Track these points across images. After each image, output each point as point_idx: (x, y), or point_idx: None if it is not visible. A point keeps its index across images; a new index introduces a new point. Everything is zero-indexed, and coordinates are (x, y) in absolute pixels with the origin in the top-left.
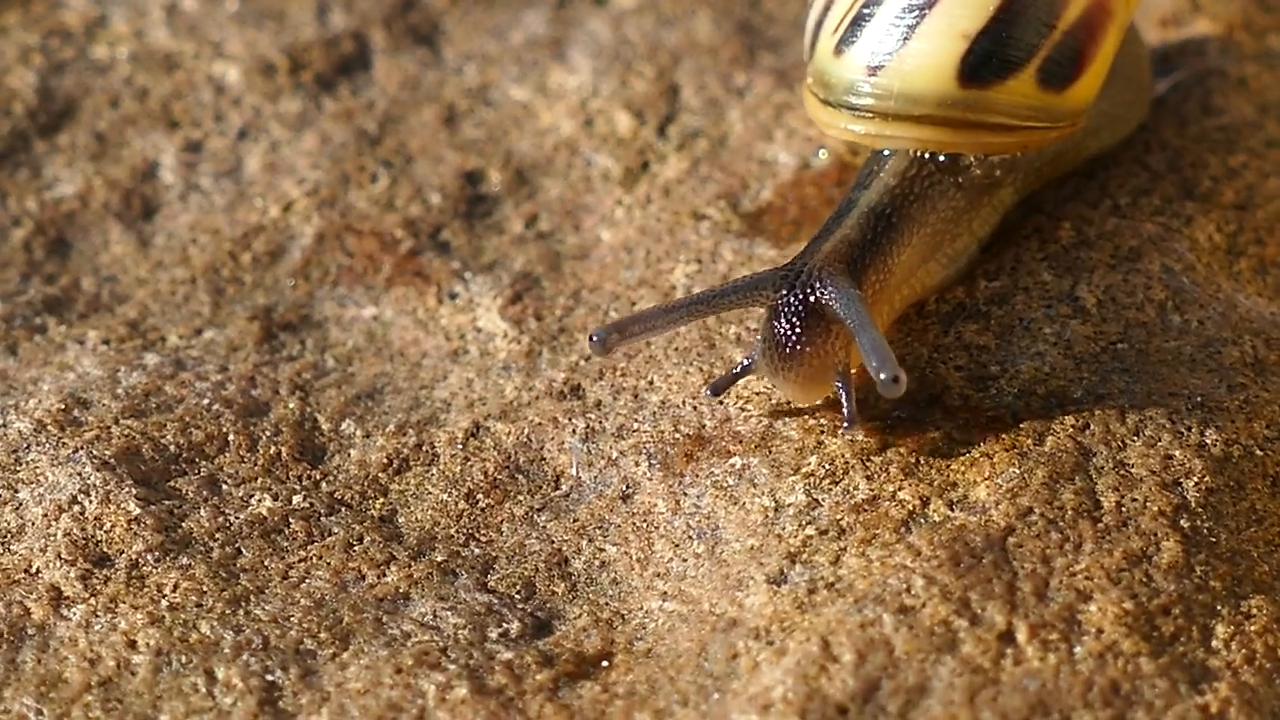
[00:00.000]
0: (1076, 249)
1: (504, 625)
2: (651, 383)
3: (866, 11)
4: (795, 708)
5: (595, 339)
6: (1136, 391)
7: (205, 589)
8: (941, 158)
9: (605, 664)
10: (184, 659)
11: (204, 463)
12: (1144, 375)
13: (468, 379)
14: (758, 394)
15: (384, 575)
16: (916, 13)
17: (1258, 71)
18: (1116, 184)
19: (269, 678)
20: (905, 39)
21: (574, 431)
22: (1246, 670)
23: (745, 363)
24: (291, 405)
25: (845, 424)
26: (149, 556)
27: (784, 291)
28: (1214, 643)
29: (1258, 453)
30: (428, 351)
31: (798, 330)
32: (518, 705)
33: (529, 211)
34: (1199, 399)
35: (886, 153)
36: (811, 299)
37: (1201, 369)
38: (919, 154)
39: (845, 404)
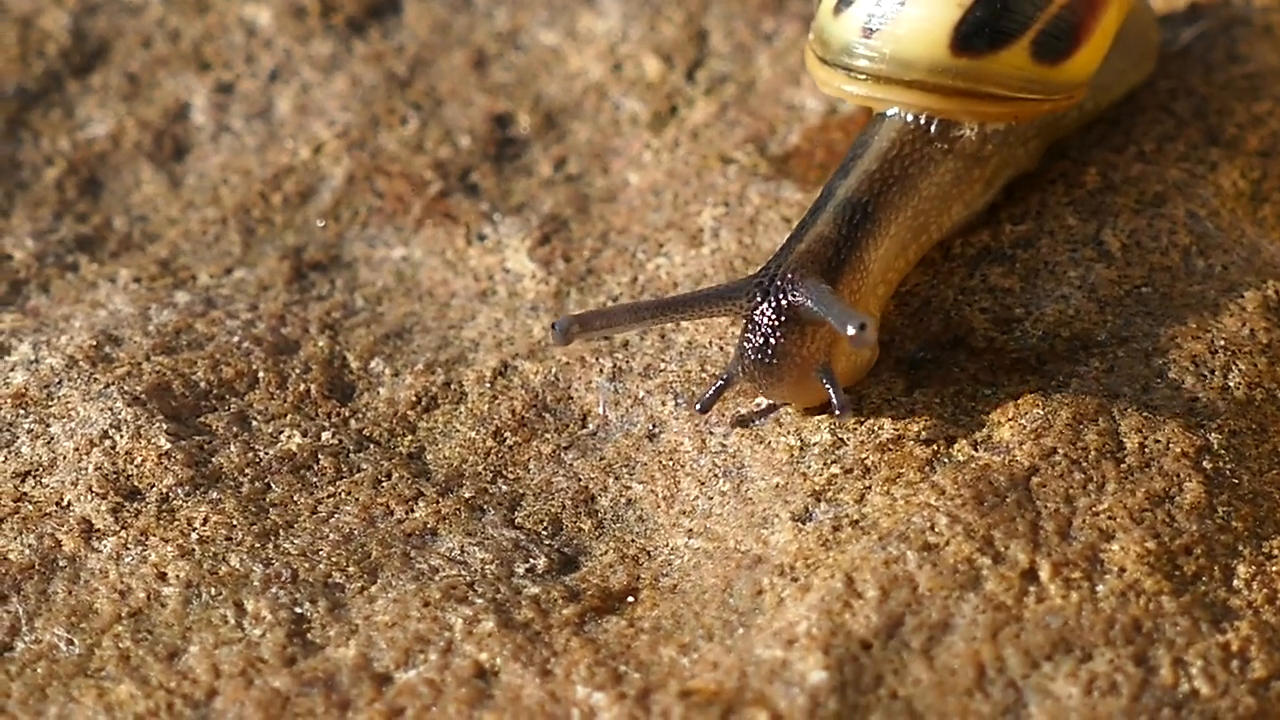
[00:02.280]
0: (1102, 193)
1: (531, 561)
2: (678, 323)
3: None
4: (819, 643)
5: (556, 328)
6: (1160, 334)
7: (235, 523)
8: (932, 128)
9: (631, 599)
10: (214, 591)
11: (234, 399)
12: (1167, 318)
13: (496, 319)
14: None
15: (412, 511)
16: None
17: None
18: (1142, 130)
19: (298, 610)
20: (901, 3)
21: (601, 371)
22: (1267, 609)
23: (726, 375)
24: (321, 344)
25: (838, 413)
26: (179, 490)
27: (758, 300)
28: (1235, 582)
29: None
30: (456, 292)
31: (776, 340)
32: (544, 639)
33: (558, 154)
34: (1222, 343)
35: (872, 132)
36: (785, 304)
37: (1225, 313)
38: (909, 120)
39: (834, 396)
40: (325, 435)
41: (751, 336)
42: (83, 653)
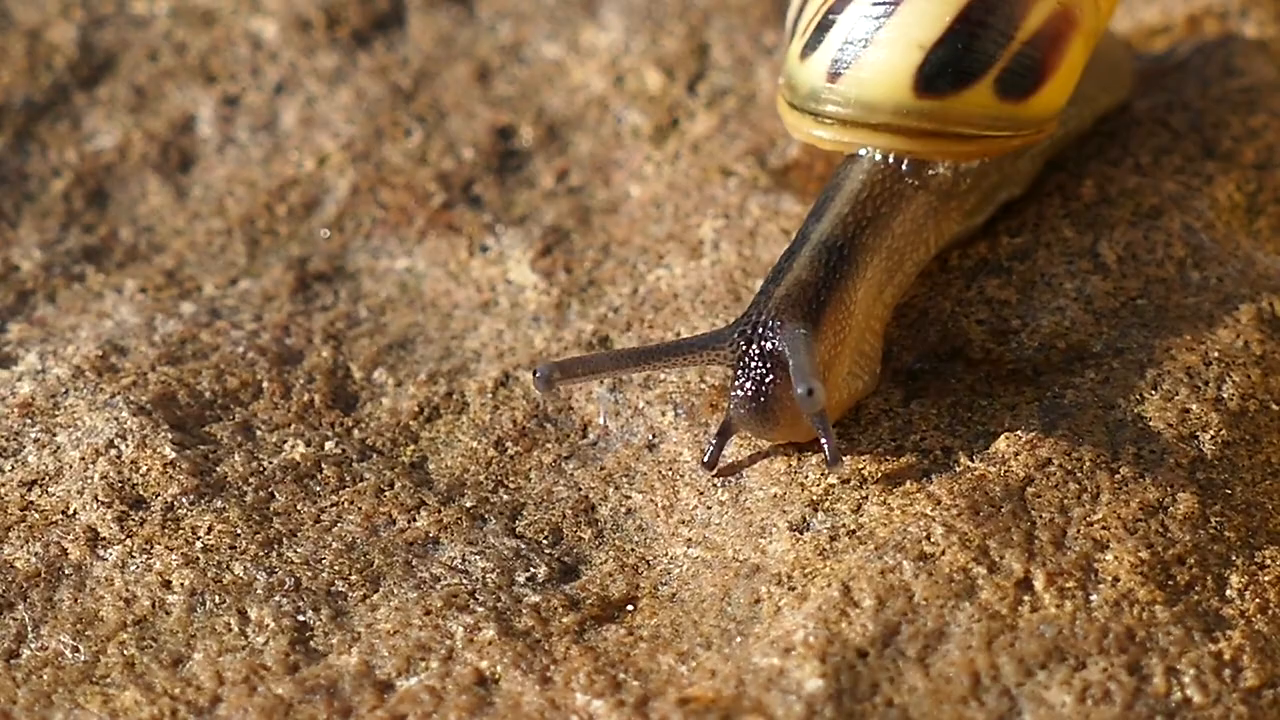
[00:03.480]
0: (1098, 206)
1: (531, 569)
2: (679, 334)
3: (830, 18)
4: (816, 651)
5: (539, 374)
6: (1155, 346)
7: (239, 531)
8: (904, 166)
9: (630, 608)
10: (218, 599)
11: (238, 409)
12: (1163, 330)
13: (498, 330)
14: None
15: (414, 520)
16: (875, 22)
17: (1279, 34)
18: (1138, 143)
19: (301, 618)
20: (864, 47)
21: (601, 381)
22: (1259, 619)
23: (723, 425)
24: (325, 354)
25: (828, 464)
26: (184, 499)
27: (743, 347)
28: (1228, 592)
29: (1274, 407)
30: (459, 302)
31: (764, 385)
32: (544, 647)
33: (560, 166)
34: (1216, 354)
35: (844, 173)
36: (769, 349)
37: (1219, 325)
38: (879, 159)
39: (825, 444)
40: (329, 445)
41: (742, 385)
42: (88, 659)
